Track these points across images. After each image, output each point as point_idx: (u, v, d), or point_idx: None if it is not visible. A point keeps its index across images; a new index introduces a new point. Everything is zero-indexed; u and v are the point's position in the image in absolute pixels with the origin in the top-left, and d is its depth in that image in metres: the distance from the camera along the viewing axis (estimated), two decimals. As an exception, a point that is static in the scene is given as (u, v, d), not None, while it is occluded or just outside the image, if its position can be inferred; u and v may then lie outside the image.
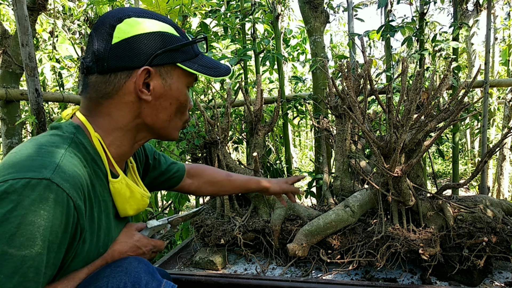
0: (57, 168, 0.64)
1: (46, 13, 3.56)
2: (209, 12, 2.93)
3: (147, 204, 0.92)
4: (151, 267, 0.80)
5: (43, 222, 0.59)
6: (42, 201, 0.60)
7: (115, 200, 0.82)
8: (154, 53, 0.77)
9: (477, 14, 4.17)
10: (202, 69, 0.84)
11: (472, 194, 4.31)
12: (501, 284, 1.54)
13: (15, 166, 0.63)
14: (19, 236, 0.58)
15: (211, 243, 1.90)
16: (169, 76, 0.81)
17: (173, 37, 0.80)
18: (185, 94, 0.85)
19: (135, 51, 0.76)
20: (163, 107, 0.82)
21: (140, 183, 0.96)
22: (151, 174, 1.11)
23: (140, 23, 0.77)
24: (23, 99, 2.70)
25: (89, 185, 0.73)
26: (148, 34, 0.77)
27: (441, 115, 1.65)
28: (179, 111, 0.86)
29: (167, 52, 0.78)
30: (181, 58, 0.81)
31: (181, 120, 0.89)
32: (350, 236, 1.69)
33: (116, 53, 0.75)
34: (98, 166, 0.78)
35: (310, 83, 3.94)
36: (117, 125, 0.80)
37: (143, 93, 0.78)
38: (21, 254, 0.57)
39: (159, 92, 0.80)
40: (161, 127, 0.85)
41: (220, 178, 1.28)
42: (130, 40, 0.75)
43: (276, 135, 3.22)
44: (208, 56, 0.89)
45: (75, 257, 0.70)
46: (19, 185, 0.60)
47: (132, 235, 0.89)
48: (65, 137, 0.74)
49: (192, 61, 0.83)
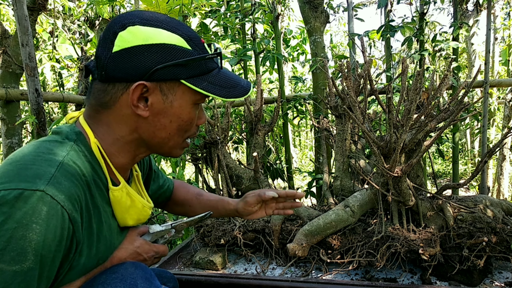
0: (52, 179, 0.62)
1: (46, 13, 3.56)
2: (209, 12, 2.93)
3: (148, 215, 0.87)
4: (149, 273, 0.77)
5: (35, 236, 0.57)
6: (35, 214, 0.58)
7: (114, 209, 0.79)
8: (153, 67, 0.71)
9: (477, 14, 4.17)
10: (211, 88, 0.75)
11: (472, 194, 4.31)
12: (501, 284, 1.54)
13: (9, 174, 0.61)
14: (10, 251, 0.56)
15: (211, 243, 1.90)
16: (171, 93, 0.74)
17: (181, 50, 0.72)
18: (188, 112, 0.77)
19: (133, 63, 0.71)
20: (162, 124, 0.76)
21: (144, 193, 0.92)
22: (152, 187, 1.07)
23: (143, 33, 0.71)
24: (23, 99, 2.70)
25: (87, 195, 0.70)
26: (150, 46, 0.70)
27: (441, 115, 1.65)
28: (181, 129, 0.79)
29: (169, 67, 0.72)
30: (186, 74, 0.73)
31: (183, 137, 0.81)
32: (350, 236, 1.69)
33: (115, 62, 0.71)
34: (98, 176, 0.74)
35: (310, 83, 3.94)
36: (114, 136, 0.77)
37: (139, 108, 0.73)
38: (12, 269, 0.56)
39: (158, 108, 0.74)
40: (158, 145, 0.80)
41: (189, 197, 1.17)
42: (130, 50, 0.70)
43: (276, 135, 3.22)
44: (227, 72, 0.80)
45: (70, 270, 0.68)
46: (11, 196, 0.57)
47: (133, 240, 0.84)
48: (65, 144, 0.71)
49: (203, 77, 0.75)
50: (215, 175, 2.10)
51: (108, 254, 0.78)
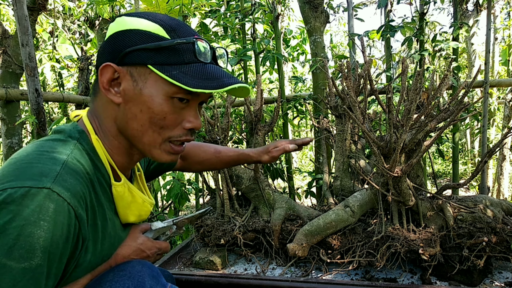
0: (58, 176, 0.63)
1: (46, 13, 3.56)
2: (209, 12, 2.93)
3: (149, 211, 0.88)
4: (156, 271, 0.78)
5: (43, 233, 0.58)
6: (42, 211, 0.58)
7: (116, 205, 0.79)
8: (123, 50, 0.70)
9: (477, 14, 4.17)
10: (181, 77, 0.69)
11: (472, 194, 4.31)
12: (501, 284, 1.54)
13: (15, 173, 0.62)
14: (18, 248, 0.56)
15: (211, 243, 1.90)
16: (141, 79, 0.71)
17: (155, 36, 0.70)
18: (160, 104, 0.71)
19: (112, 48, 0.73)
20: (132, 113, 0.73)
21: (147, 191, 0.93)
22: (151, 165, 1.10)
23: (125, 21, 0.73)
24: (23, 99, 2.70)
25: (91, 193, 0.71)
26: (126, 31, 0.72)
27: (441, 115, 1.65)
28: (154, 123, 0.73)
29: (138, 51, 0.70)
30: (156, 60, 0.70)
31: (161, 135, 0.75)
32: (350, 236, 1.69)
33: (103, 50, 0.75)
34: (101, 173, 0.75)
35: (310, 83, 3.94)
36: (104, 130, 0.78)
37: (109, 92, 0.73)
38: (21, 266, 0.56)
39: (129, 95, 0.72)
40: (133, 138, 0.76)
41: (208, 157, 1.21)
42: (112, 37, 0.74)
43: (276, 135, 3.22)
44: (212, 67, 0.74)
45: (77, 267, 0.69)
46: (18, 194, 0.58)
47: (136, 237, 0.86)
48: (68, 142, 0.72)
49: (175, 67, 0.70)
50: (215, 175, 2.10)
51: (112, 251, 0.79)
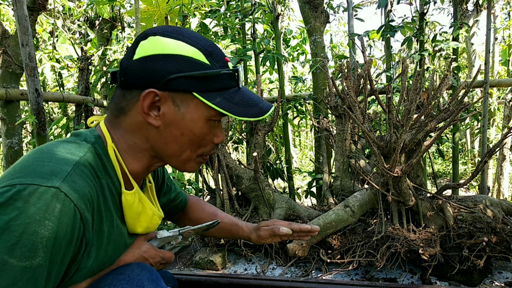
0: (68, 177, 0.63)
1: (46, 13, 3.56)
2: (209, 12, 2.93)
3: (157, 224, 0.87)
4: (155, 274, 0.77)
5: (46, 232, 0.57)
6: (48, 211, 0.58)
7: (125, 214, 0.79)
8: (167, 76, 0.71)
9: (477, 14, 4.17)
10: (225, 104, 0.73)
11: (472, 194, 4.32)
12: (501, 284, 1.54)
13: (26, 170, 0.62)
14: (21, 246, 0.56)
15: (211, 243, 1.90)
16: (184, 105, 0.74)
17: (197, 63, 0.73)
18: (201, 127, 0.76)
19: (149, 71, 0.72)
20: (173, 135, 0.76)
21: (156, 203, 0.92)
22: (161, 200, 1.08)
23: (162, 43, 0.73)
24: (23, 99, 2.70)
25: (100, 197, 0.70)
26: (166, 56, 0.72)
27: (441, 115, 1.65)
28: (193, 143, 0.77)
29: (182, 78, 0.72)
30: (200, 87, 0.73)
31: (196, 152, 0.80)
32: (350, 236, 1.69)
33: (134, 70, 0.73)
34: (112, 180, 0.75)
35: (310, 83, 3.94)
36: (129, 142, 0.78)
37: (150, 116, 0.74)
38: (22, 265, 0.56)
39: (170, 119, 0.74)
40: (170, 157, 0.79)
41: (204, 216, 1.18)
42: (147, 58, 0.72)
43: (276, 135, 3.22)
44: (247, 91, 0.79)
45: (77, 271, 0.67)
46: (26, 192, 0.58)
47: (140, 245, 0.85)
48: (83, 145, 0.72)
49: (218, 93, 0.74)
50: (215, 175, 2.10)
51: (115, 258, 0.78)
